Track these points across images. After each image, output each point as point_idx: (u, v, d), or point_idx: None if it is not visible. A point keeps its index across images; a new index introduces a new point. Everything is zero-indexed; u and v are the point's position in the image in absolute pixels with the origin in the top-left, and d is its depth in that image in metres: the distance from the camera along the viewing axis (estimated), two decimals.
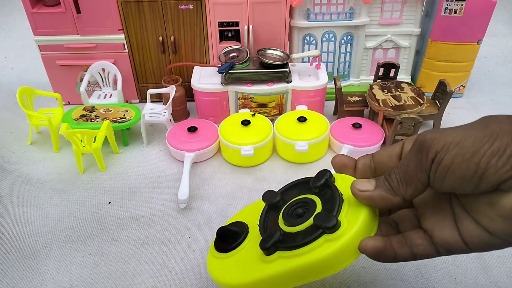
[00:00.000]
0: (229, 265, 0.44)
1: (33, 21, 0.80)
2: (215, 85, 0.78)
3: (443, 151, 0.32)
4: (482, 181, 0.31)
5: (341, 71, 0.91)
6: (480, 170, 0.31)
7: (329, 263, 0.37)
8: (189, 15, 0.79)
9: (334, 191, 0.40)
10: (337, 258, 0.37)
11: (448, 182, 0.33)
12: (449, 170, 0.32)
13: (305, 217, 0.40)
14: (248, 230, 0.46)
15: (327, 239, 0.36)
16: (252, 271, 0.40)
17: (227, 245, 0.45)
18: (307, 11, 0.82)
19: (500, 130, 0.31)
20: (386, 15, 0.84)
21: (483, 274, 0.52)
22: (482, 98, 0.92)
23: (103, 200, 0.65)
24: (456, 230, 0.35)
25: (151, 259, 0.55)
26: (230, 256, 0.44)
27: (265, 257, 0.40)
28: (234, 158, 0.72)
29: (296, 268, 0.37)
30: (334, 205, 0.39)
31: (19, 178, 0.70)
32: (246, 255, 0.43)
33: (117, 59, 0.84)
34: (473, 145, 0.31)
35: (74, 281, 0.53)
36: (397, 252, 0.37)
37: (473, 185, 0.32)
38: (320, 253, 0.36)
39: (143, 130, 0.76)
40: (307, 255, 0.37)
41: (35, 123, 0.77)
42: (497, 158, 0.30)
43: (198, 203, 0.64)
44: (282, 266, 0.38)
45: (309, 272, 0.38)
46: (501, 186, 0.31)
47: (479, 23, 0.81)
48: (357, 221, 0.36)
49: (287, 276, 0.38)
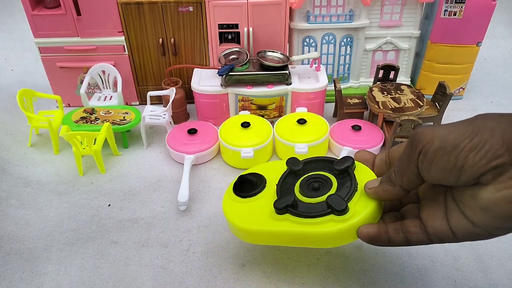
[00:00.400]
0: (242, 210, 0.48)
1: (34, 23, 0.80)
2: (215, 87, 0.78)
3: (428, 144, 0.35)
4: (461, 173, 0.34)
5: (341, 73, 0.91)
6: (459, 163, 0.34)
7: (328, 239, 0.43)
8: (189, 17, 0.80)
9: (352, 178, 0.44)
10: (336, 237, 0.42)
11: (433, 173, 0.36)
12: (433, 162, 0.35)
13: (319, 192, 0.45)
14: (265, 184, 0.50)
15: (332, 219, 0.42)
16: (261, 222, 0.45)
17: (245, 191, 0.50)
18: (307, 13, 0.82)
19: (483, 127, 0.33)
20: (385, 17, 0.84)
21: (483, 277, 0.52)
22: (481, 100, 0.92)
23: (103, 202, 0.65)
24: (446, 220, 0.38)
25: (151, 261, 0.55)
26: (245, 202, 0.49)
27: (276, 215, 0.45)
28: (234, 160, 0.72)
29: (299, 233, 0.43)
30: (348, 191, 0.43)
31: (19, 180, 0.70)
32: (260, 206, 0.47)
33: (117, 61, 0.84)
34: (455, 140, 0.34)
35: (74, 284, 0.53)
36: (392, 238, 0.41)
37: (455, 177, 0.35)
38: (323, 229, 0.42)
39: (143, 132, 0.76)
40: (312, 226, 0.42)
41: (35, 125, 0.77)
42: (475, 153, 0.33)
43: (198, 206, 0.64)
44: (288, 227, 0.44)
45: (308, 239, 0.44)
46: (480, 179, 0.34)
47: (479, 25, 0.81)
48: (363, 211, 0.41)
49: (289, 236, 0.44)
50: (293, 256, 0.55)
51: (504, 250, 0.56)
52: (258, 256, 0.55)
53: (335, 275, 0.53)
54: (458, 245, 0.56)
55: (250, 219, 0.47)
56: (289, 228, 0.44)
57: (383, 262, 0.54)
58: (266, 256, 0.55)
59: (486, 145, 0.33)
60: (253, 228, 0.46)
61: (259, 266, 0.54)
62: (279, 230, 0.44)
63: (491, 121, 0.34)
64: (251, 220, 0.47)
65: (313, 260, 0.55)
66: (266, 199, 0.48)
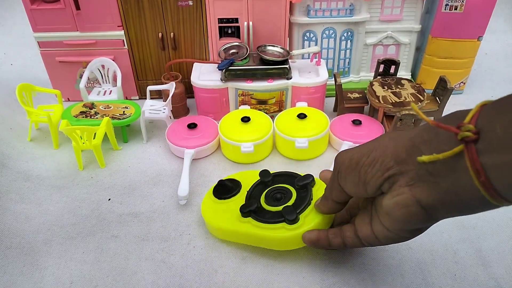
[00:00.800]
0: (217, 210, 0.57)
1: (33, 17, 0.79)
2: (215, 81, 0.77)
3: (341, 165, 0.43)
4: (366, 186, 0.40)
5: (341, 68, 0.90)
6: (362, 177, 0.40)
7: (279, 242, 0.51)
8: (188, 11, 0.79)
9: (308, 194, 0.53)
10: (285, 242, 0.51)
11: (349, 188, 0.43)
12: (346, 178, 0.43)
13: (280, 202, 0.53)
14: (240, 189, 0.58)
15: (284, 226, 0.50)
16: (230, 222, 0.54)
17: (222, 194, 0.58)
18: (307, 8, 0.81)
19: (378, 144, 0.40)
20: (386, 11, 0.84)
21: (483, 271, 0.52)
22: (482, 94, 0.92)
23: (103, 196, 0.65)
24: (370, 226, 0.44)
25: (151, 255, 0.55)
26: (220, 203, 0.57)
27: (241, 217, 0.53)
28: (234, 155, 0.72)
29: (257, 235, 0.52)
30: (302, 204, 0.52)
31: (19, 174, 0.70)
32: (231, 208, 0.55)
33: (116, 55, 0.84)
34: (358, 158, 0.41)
35: (74, 277, 0.53)
36: (331, 241, 0.48)
37: (363, 189, 0.41)
38: (275, 234, 0.50)
39: (142, 126, 0.76)
40: (267, 230, 0.51)
41: (34, 119, 0.77)
42: (371, 167, 0.39)
43: (198, 200, 0.64)
44: (249, 229, 0.52)
45: (264, 241, 0.52)
46: (381, 189, 0.40)
47: (480, 20, 0.81)
48: (311, 223, 0.50)
49: (249, 236, 0.53)
50: (293, 250, 0.55)
51: (504, 244, 0.56)
52: (258, 250, 0.55)
53: (334, 269, 0.53)
54: (458, 239, 0.56)
55: (221, 219, 0.55)
56: (250, 230, 0.52)
57: (383, 256, 0.54)
58: (266, 250, 0.55)
59: (380, 160, 0.39)
60: (222, 226, 0.54)
61: (259, 260, 0.54)
62: (242, 230, 0.53)
63: (386, 139, 0.40)
64: (222, 219, 0.55)
65: (313, 254, 0.55)
66: (237, 203, 0.56)
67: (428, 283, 0.51)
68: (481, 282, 0.51)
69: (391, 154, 0.38)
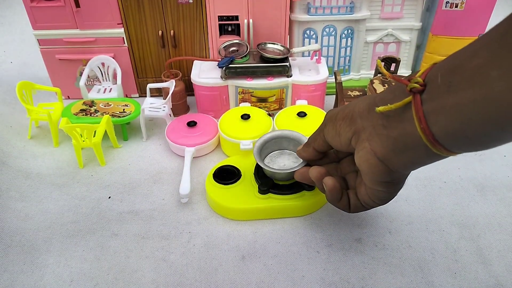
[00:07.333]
0: (227, 194, 0.61)
1: (32, 15, 0.79)
2: (215, 79, 0.77)
3: (328, 118, 0.48)
4: (340, 137, 0.45)
5: (341, 66, 0.90)
6: (337, 129, 0.46)
7: (306, 208, 0.59)
8: (188, 9, 0.79)
9: None
10: (310, 207, 0.60)
11: (329, 138, 0.48)
12: (328, 130, 0.48)
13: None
14: (241, 174, 0.63)
15: (305, 194, 0.59)
16: (248, 202, 0.59)
17: (225, 179, 0.62)
18: (307, 5, 0.81)
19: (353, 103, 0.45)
20: (387, 9, 0.83)
21: (483, 269, 0.52)
22: None
23: (103, 194, 0.65)
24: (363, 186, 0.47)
25: (152, 253, 0.56)
26: (228, 188, 0.61)
27: (260, 195, 0.59)
28: (233, 153, 0.72)
29: (281, 207, 0.59)
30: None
31: (19, 172, 0.70)
32: (243, 190, 0.61)
33: (116, 53, 0.84)
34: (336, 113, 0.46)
35: (75, 275, 0.53)
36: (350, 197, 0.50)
37: (338, 141, 0.46)
38: (300, 202, 0.59)
39: (142, 124, 0.76)
40: (291, 201, 0.59)
41: (34, 117, 0.77)
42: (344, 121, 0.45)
43: (198, 198, 0.64)
44: (271, 203, 0.59)
45: (288, 210, 0.59)
46: (352, 143, 0.44)
47: (480, 17, 0.81)
48: None
49: (273, 210, 0.59)
50: (293, 249, 0.55)
51: (504, 242, 0.56)
52: (259, 248, 0.55)
53: (335, 268, 0.53)
54: (458, 237, 0.56)
55: (237, 201, 0.59)
56: (272, 204, 0.59)
57: (383, 255, 0.54)
58: (266, 249, 0.55)
59: (349, 115, 0.44)
60: (243, 206, 0.59)
61: (259, 258, 0.54)
62: (265, 205, 0.59)
63: (360, 99, 0.44)
64: (238, 201, 0.59)
65: (313, 253, 0.55)
66: (246, 185, 0.62)
67: (428, 282, 0.51)
68: (481, 280, 0.51)
69: (358, 111, 0.43)
